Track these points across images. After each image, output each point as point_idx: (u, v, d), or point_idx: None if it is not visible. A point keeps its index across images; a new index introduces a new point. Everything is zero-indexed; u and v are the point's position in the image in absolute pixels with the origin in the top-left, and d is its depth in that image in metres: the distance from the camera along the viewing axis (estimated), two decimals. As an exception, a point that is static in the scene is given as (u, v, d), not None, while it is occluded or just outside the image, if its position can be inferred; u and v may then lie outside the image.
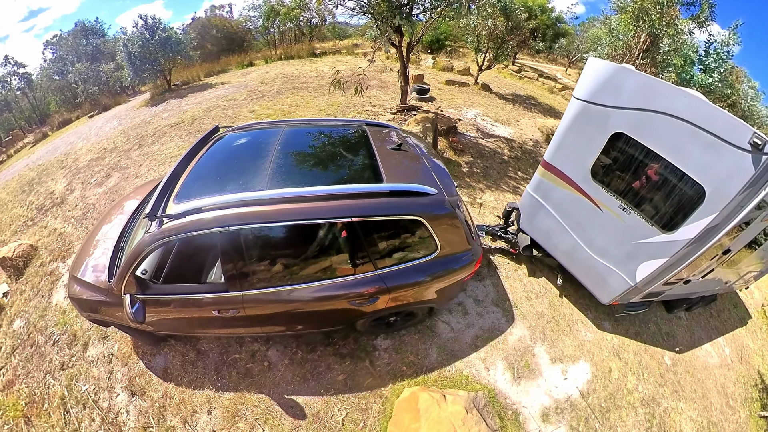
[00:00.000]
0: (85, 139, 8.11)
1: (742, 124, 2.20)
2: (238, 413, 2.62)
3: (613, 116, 2.80)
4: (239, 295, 2.04)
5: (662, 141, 2.57)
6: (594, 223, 3.11)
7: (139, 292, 2.04)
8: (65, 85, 12.41)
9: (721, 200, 2.31)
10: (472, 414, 2.40)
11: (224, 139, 2.66)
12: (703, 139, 2.34)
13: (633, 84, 2.68)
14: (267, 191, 1.88)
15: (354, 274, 2.08)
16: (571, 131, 3.13)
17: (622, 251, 2.95)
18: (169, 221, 1.85)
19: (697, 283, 3.26)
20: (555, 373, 3.04)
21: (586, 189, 3.10)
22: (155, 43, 9.68)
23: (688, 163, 2.45)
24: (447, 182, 2.30)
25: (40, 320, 3.51)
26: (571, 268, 3.50)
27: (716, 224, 2.39)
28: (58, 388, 2.89)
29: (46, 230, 4.81)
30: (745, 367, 3.97)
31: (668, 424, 3.02)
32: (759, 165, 2.13)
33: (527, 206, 3.69)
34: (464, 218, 2.33)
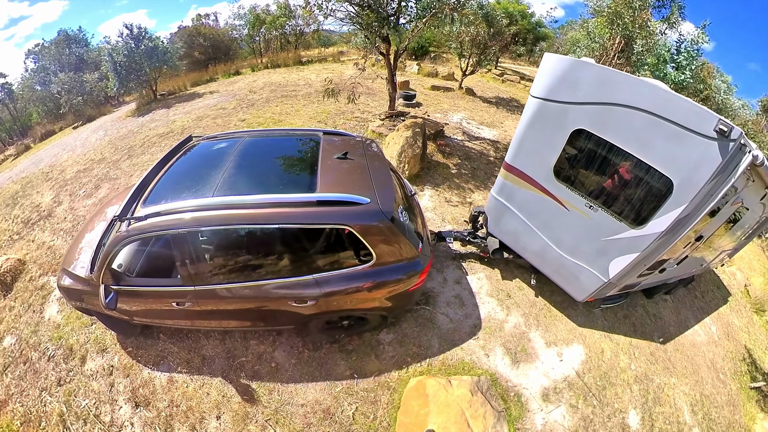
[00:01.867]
0: (71, 150, 7.66)
1: (706, 111, 2.07)
2: (248, 416, 2.54)
3: (572, 112, 2.63)
4: (192, 289, 2.19)
5: (625, 135, 2.42)
6: (561, 223, 2.96)
7: (114, 283, 2.21)
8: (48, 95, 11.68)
9: (690, 191, 2.20)
10: (477, 396, 2.43)
11: (196, 148, 2.76)
12: (667, 130, 2.20)
13: (590, 77, 2.51)
14: (211, 198, 2.04)
15: (290, 277, 2.15)
16: (530, 131, 2.95)
17: (593, 249, 2.83)
18: (135, 223, 2.04)
19: (672, 269, 3.21)
20: (551, 355, 3.10)
21: (550, 189, 2.94)
22: (141, 52, 9.27)
23: (653, 155, 2.32)
24: (386, 192, 2.14)
25: (33, 336, 3.28)
26: (542, 268, 3.36)
27: (687, 215, 2.29)
28: (55, 405, 2.71)
29: (34, 244, 4.51)
30: (732, 344, 4.14)
31: (662, 398, 3.12)
32: (726, 152, 2.02)
33: (493, 209, 3.51)
34: (409, 228, 2.24)
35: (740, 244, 4.00)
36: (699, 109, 2.10)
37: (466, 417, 2.30)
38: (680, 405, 3.16)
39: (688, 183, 2.20)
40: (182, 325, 2.74)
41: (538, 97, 2.81)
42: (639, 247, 2.55)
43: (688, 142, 2.15)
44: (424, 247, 2.44)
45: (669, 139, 2.23)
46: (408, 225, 2.29)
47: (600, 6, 7.70)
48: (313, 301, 2.20)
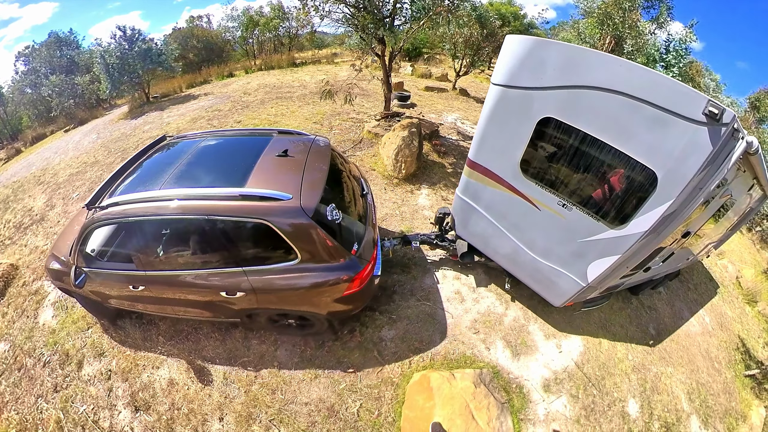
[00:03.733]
0: (63, 153, 7.50)
1: (693, 92, 1.80)
2: (252, 416, 2.50)
3: (537, 99, 2.33)
4: (142, 274, 2.32)
5: (598, 122, 2.13)
6: (532, 223, 2.68)
7: (85, 266, 2.39)
8: (38, 98, 11.37)
9: (677, 184, 1.93)
10: (481, 389, 2.43)
11: (166, 146, 2.89)
12: (648, 114, 1.93)
13: (556, 58, 2.20)
14: (154, 191, 2.16)
15: (220, 268, 2.21)
16: (492, 123, 2.63)
17: (568, 251, 2.55)
18: (99, 211, 2.20)
19: (658, 267, 3.04)
20: (550, 347, 3.12)
21: (518, 186, 2.65)
22: (134, 54, 9.11)
23: (632, 145, 2.04)
24: (312, 189, 2.08)
25: (27, 342, 3.20)
26: (515, 272, 3.09)
27: (673, 211, 2.02)
28: (52, 411, 2.64)
29: (26, 248, 4.40)
30: (725, 333, 4.21)
31: (660, 387, 3.16)
32: (718, 139, 1.75)
33: (459, 210, 3.20)
34: (340, 227, 2.14)
35: (726, 235, 3.97)
36: (685, 90, 1.83)
37: (470, 409, 2.30)
38: (677, 393, 3.20)
39: (675, 175, 1.94)
40: (145, 310, 2.82)
41: (499, 84, 2.49)
42: (620, 249, 2.27)
43: (673, 129, 1.88)
44: (364, 250, 2.27)
45: (651, 126, 1.95)
46: (340, 225, 2.15)
47: (590, 7, 7.81)
48: (242, 293, 2.22)
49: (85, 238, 2.31)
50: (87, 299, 2.82)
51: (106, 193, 2.34)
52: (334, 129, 6.49)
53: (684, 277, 4.80)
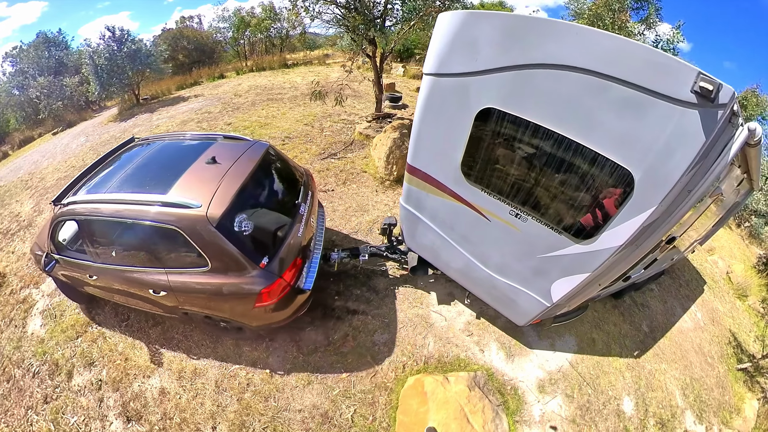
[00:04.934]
0: (51, 157, 7.35)
1: (677, 62, 1.39)
2: (245, 425, 2.46)
3: (473, 87, 1.92)
4: (92, 265, 2.51)
5: (552, 109, 1.72)
6: (483, 236, 2.31)
7: (56, 253, 2.62)
8: (26, 100, 11.06)
9: (660, 187, 1.54)
10: (475, 392, 2.41)
11: (130, 148, 2.96)
12: (617, 96, 1.52)
13: (491, 33, 1.78)
14: (100, 194, 2.36)
15: (145, 267, 2.35)
16: (426, 121, 2.25)
17: (527, 268, 2.19)
18: (62, 208, 2.41)
19: (639, 275, 2.79)
20: (544, 347, 3.10)
21: (462, 193, 2.27)
22: (123, 55, 8.91)
23: (598, 137, 1.63)
24: (224, 198, 2.08)
25: (16, 352, 3.13)
26: (471, 289, 2.76)
27: (656, 219, 1.64)
28: (42, 423, 2.59)
29: (14, 255, 4.31)
30: (717, 328, 4.23)
31: (654, 384, 3.16)
32: (713, 125, 1.35)
33: (405, 220, 2.82)
34: (248, 239, 2.12)
35: (711, 231, 3.87)
36: (667, 60, 1.41)
37: (465, 412, 2.29)
38: (672, 389, 3.22)
39: (657, 176, 1.54)
40: (103, 297, 3.02)
41: (429, 73, 2.09)
42: (589, 267, 1.89)
43: (652, 113, 1.47)
44: (278, 264, 2.21)
45: (622, 110, 1.54)
46: (249, 236, 2.13)
47: (581, 9, 7.80)
48: (165, 293, 2.33)
49: (53, 230, 2.56)
50: (62, 283, 3.06)
51: (70, 192, 2.53)
52: (325, 130, 6.43)
53: (675, 274, 4.83)
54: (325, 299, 3.28)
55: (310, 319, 3.10)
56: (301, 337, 2.95)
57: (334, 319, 3.11)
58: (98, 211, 2.27)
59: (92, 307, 3.40)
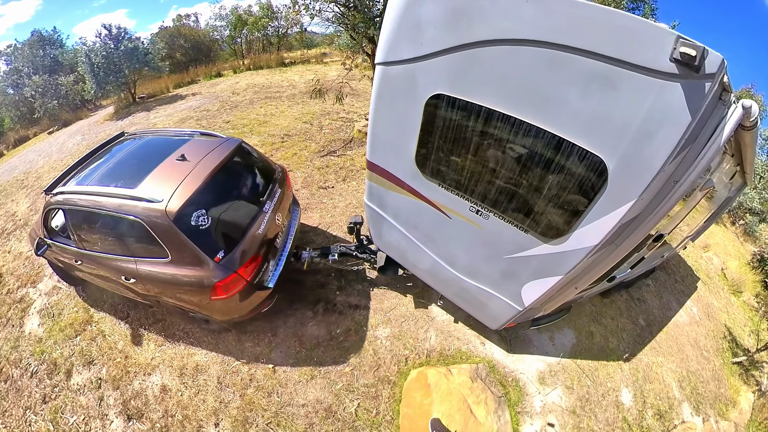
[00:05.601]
0: (47, 156, 7.28)
1: (652, 26, 1.19)
2: (248, 420, 2.46)
3: (421, 73, 1.76)
4: (76, 251, 2.67)
5: (506, 90, 1.53)
6: (446, 235, 2.17)
7: (48, 238, 2.78)
8: (21, 99, 10.96)
9: (639, 177, 1.35)
10: (478, 383, 2.43)
11: (119, 143, 3.08)
12: (581, 70, 1.31)
13: (434, 12, 1.61)
14: (83, 186, 2.49)
15: (120, 255, 2.49)
16: (379, 113, 2.10)
17: (495, 269, 2.04)
18: (53, 197, 2.56)
19: (625, 275, 2.63)
20: (544, 340, 3.14)
21: (420, 189, 2.13)
22: (120, 53, 8.84)
23: (561, 119, 1.43)
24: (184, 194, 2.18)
25: (13, 352, 3.10)
26: (440, 290, 2.63)
27: (637, 215, 1.46)
28: (41, 423, 2.56)
29: (10, 255, 4.26)
30: (713, 323, 4.30)
31: (652, 376, 3.21)
32: (700, 100, 1.15)
33: (370, 219, 2.72)
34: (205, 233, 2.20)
35: (703, 227, 3.84)
36: (639, 25, 1.19)
37: (468, 404, 2.31)
38: (669, 381, 3.27)
39: (635, 164, 1.34)
40: (90, 281, 3.13)
41: (379, 62, 1.94)
42: (561, 269, 1.72)
43: (625, 88, 1.26)
44: (234, 259, 2.27)
45: (589, 87, 1.33)
46: (206, 230, 2.21)
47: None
48: (135, 280, 2.48)
49: (46, 217, 2.75)
50: (55, 266, 3.27)
51: (61, 182, 2.69)
52: (325, 128, 6.43)
53: (671, 270, 4.90)
54: (327, 294, 3.28)
55: (312, 314, 3.11)
56: (304, 332, 2.96)
57: (336, 314, 3.12)
58: (80, 202, 2.43)
59: (91, 306, 3.38)
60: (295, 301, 3.21)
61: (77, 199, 2.44)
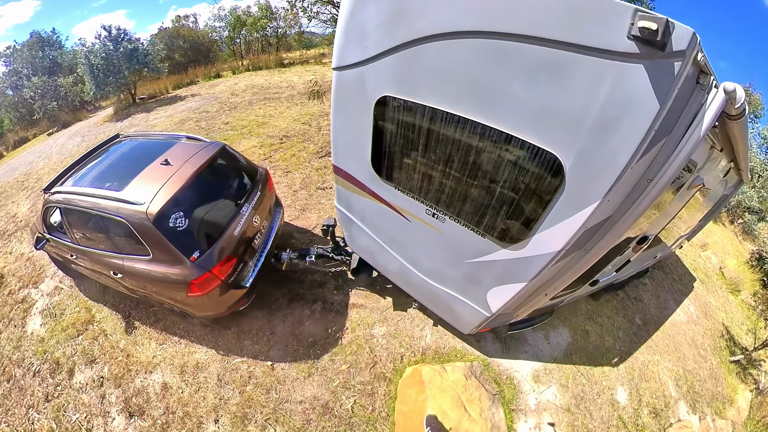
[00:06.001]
0: (47, 157, 7.33)
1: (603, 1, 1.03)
2: (247, 417, 2.51)
3: (368, 76, 1.75)
4: (71, 246, 2.83)
5: (449, 87, 1.46)
6: (409, 238, 2.15)
7: (47, 233, 2.96)
8: (20, 100, 11.05)
9: (602, 175, 1.22)
10: (472, 381, 2.48)
11: (113, 144, 3.24)
12: (527, 58, 1.20)
13: (375, 14, 1.59)
14: (76, 187, 2.67)
15: (109, 252, 2.65)
16: (337, 117, 2.11)
17: (458, 274, 1.98)
18: (50, 196, 2.75)
19: (610, 278, 2.48)
20: (538, 339, 3.18)
21: (379, 192, 2.14)
22: (119, 54, 8.87)
23: (508, 113, 1.34)
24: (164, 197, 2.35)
25: (15, 352, 3.15)
26: (411, 293, 2.59)
27: (606, 218, 1.35)
28: (44, 421, 2.61)
29: (11, 256, 4.32)
30: (710, 322, 4.31)
31: (648, 374, 3.24)
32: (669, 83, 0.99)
33: (341, 221, 2.77)
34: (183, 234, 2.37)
35: (699, 226, 3.75)
36: (587, 2, 1.05)
37: (462, 401, 2.35)
38: (665, 380, 3.30)
39: (596, 161, 1.21)
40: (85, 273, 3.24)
41: (334, 67, 1.94)
42: (524, 275, 1.63)
43: (577, 74, 1.12)
44: (208, 259, 2.40)
45: (537, 76, 1.21)
46: (183, 231, 2.37)
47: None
48: (121, 275, 2.65)
49: (44, 214, 2.93)
50: (55, 259, 3.46)
51: (59, 182, 2.86)
52: (323, 129, 6.47)
53: (668, 269, 4.93)
54: (325, 294, 3.33)
55: (310, 313, 3.15)
56: (302, 331, 3.01)
57: (333, 313, 3.17)
58: (74, 202, 2.61)
59: (93, 306, 3.43)
60: (294, 300, 3.26)
61: (72, 198, 2.62)
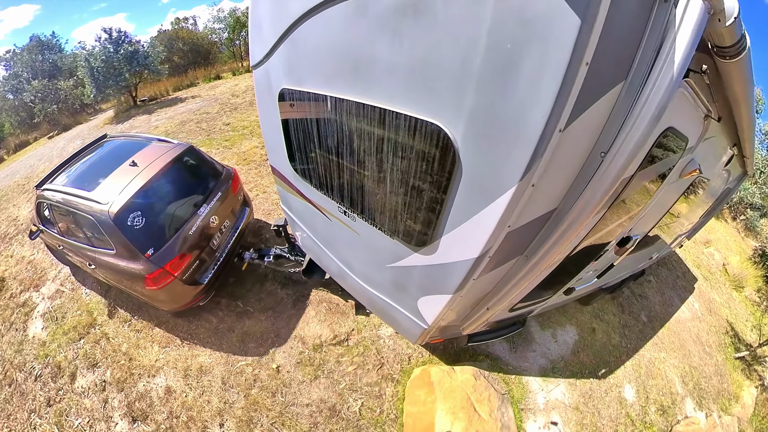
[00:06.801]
0: (47, 160, 7.31)
1: None
2: (253, 420, 2.47)
3: (270, 71, 1.67)
4: (60, 239, 3.04)
5: (322, 66, 1.31)
6: (335, 238, 2.01)
7: (42, 225, 3.16)
8: (20, 104, 11.07)
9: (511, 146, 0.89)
10: (481, 381, 2.45)
11: (100, 144, 3.40)
12: (386, 6, 0.99)
13: (266, 6, 1.52)
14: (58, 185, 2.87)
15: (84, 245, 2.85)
16: (260, 115, 2.05)
17: (385, 279, 1.74)
18: (41, 192, 2.95)
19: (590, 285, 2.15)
20: (546, 338, 3.16)
21: (301, 189, 2.04)
22: (120, 57, 8.87)
23: (376, 82, 1.12)
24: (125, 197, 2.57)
25: (17, 356, 3.11)
26: (357, 298, 2.33)
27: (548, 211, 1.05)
28: (46, 426, 2.57)
29: (12, 259, 4.28)
30: (714, 318, 4.31)
31: (654, 372, 3.23)
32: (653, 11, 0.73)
33: (289, 222, 2.68)
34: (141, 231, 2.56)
35: (699, 223, 3.58)
36: None
37: (471, 401, 2.31)
38: (671, 377, 3.28)
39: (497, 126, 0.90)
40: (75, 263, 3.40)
41: (251, 67, 1.89)
42: (446, 286, 1.34)
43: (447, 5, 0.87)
44: (162, 255, 2.58)
45: (400, 27, 0.98)
46: (140, 230, 2.57)
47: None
48: (94, 266, 2.89)
49: (38, 208, 3.15)
50: (50, 248, 3.65)
51: (49, 180, 3.05)
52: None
53: (672, 266, 4.92)
54: (330, 295, 3.30)
55: (314, 314, 3.12)
56: (307, 333, 2.97)
57: (339, 314, 3.13)
58: (57, 199, 2.85)
59: (95, 309, 3.39)
60: (298, 301, 3.22)
61: (56, 196, 2.85)
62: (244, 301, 3.28)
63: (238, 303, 3.27)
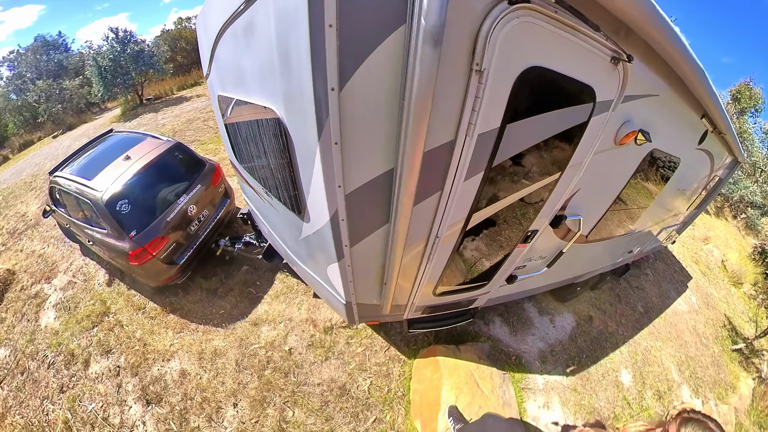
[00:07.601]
0: (54, 159, 7.39)
1: None
2: (266, 400, 2.58)
3: (213, 79, 1.96)
4: (68, 218, 3.44)
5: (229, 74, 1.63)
6: (270, 218, 2.17)
7: (53, 206, 3.62)
8: (24, 104, 11.20)
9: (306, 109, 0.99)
10: (483, 360, 2.59)
11: (103, 139, 3.84)
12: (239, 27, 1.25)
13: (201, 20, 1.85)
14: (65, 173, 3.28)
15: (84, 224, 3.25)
16: (216, 117, 2.28)
17: (303, 251, 1.81)
18: (53, 177, 3.39)
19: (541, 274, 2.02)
20: (544, 323, 3.30)
21: (243, 175, 2.30)
22: (127, 56, 9.04)
23: (248, 84, 1.41)
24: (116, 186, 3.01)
25: (29, 345, 3.20)
26: (301, 277, 2.28)
27: (384, 172, 1.07)
28: (59, 412, 2.64)
29: (23, 253, 4.38)
30: (712, 312, 4.45)
31: (650, 359, 3.37)
32: None
33: (251, 211, 2.90)
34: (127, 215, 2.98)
35: (689, 217, 3.48)
36: None
37: (475, 378, 2.45)
38: (668, 365, 3.42)
39: (295, 97, 1.05)
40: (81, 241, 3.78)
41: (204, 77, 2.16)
42: (330, 253, 1.38)
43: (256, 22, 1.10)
44: (143, 236, 2.99)
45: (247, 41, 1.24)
46: (126, 214, 2.99)
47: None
48: (93, 244, 3.33)
49: (50, 191, 3.57)
50: (61, 226, 4.06)
51: (61, 167, 3.46)
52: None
53: (669, 261, 5.08)
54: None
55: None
56: (318, 316, 3.10)
57: (346, 302, 3.27)
58: (65, 185, 3.25)
59: (108, 297, 3.51)
60: (309, 288, 3.35)
61: (65, 182, 3.26)
62: (256, 288, 3.41)
63: (251, 290, 3.40)
